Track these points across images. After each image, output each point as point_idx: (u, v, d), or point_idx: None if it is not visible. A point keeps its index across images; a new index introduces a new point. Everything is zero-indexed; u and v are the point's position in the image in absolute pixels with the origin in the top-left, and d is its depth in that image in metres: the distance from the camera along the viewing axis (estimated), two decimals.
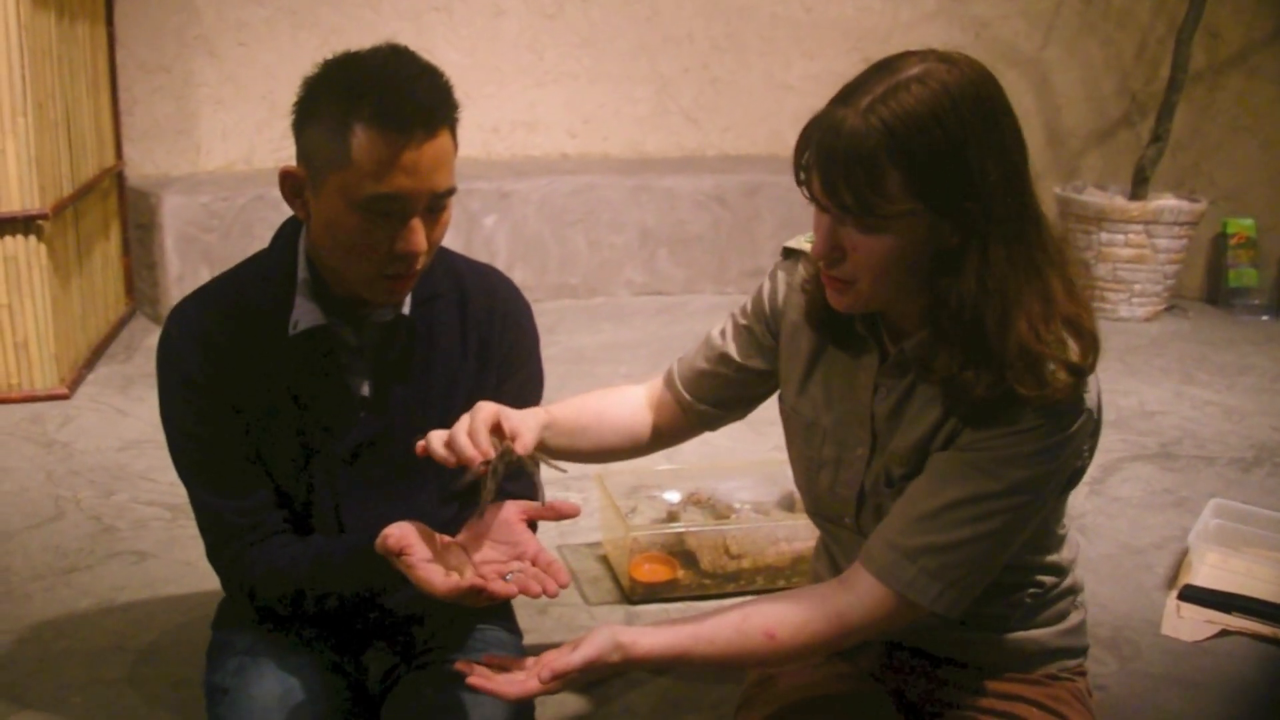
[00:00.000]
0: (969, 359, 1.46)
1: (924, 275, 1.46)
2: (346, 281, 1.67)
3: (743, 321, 1.80)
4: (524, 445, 1.55)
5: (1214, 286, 5.27)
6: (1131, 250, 4.76)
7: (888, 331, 1.60)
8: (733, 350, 1.80)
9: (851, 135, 1.38)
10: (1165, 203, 4.76)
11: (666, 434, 1.88)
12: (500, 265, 4.74)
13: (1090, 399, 1.50)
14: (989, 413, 1.48)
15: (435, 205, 1.62)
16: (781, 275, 1.76)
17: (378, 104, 1.53)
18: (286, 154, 1.68)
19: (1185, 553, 2.79)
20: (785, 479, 2.86)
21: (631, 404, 1.87)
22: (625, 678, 2.20)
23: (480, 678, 1.44)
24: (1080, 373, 1.46)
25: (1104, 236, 4.78)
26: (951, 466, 1.52)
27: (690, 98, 5.39)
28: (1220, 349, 4.62)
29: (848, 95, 1.41)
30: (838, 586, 1.56)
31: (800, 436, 1.74)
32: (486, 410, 1.55)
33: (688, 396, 1.83)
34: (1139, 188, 4.79)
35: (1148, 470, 3.34)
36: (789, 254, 1.76)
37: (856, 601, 1.53)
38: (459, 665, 1.46)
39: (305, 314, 1.71)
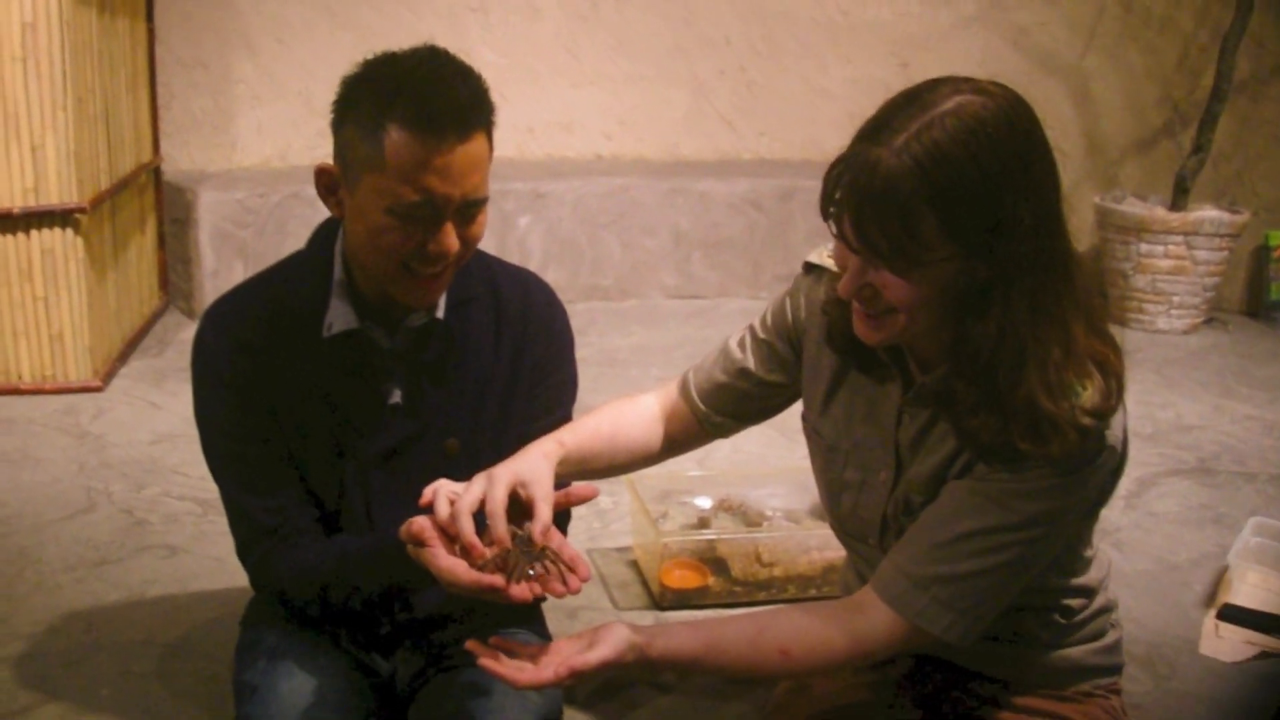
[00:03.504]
0: (979, 403, 1.44)
1: (953, 311, 1.44)
2: (379, 281, 1.67)
3: (762, 335, 1.77)
4: (542, 522, 1.52)
5: (1255, 299, 5.20)
6: (1171, 262, 4.71)
7: (913, 360, 1.58)
8: (752, 364, 1.78)
9: (887, 179, 1.33)
10: (1206, 214, 4.70)
11: (679, 443, 1.87)
12: (534, 266, 4.75)
13: (1113, 435, 1.47)
14: (997, 455, 1.47)
15: (468, 210, 1.61)
16: (803, 291, 1.73)
17: (412, 105, 1.53)
18: (322, 152, 1.68)
19: (1224, 571, 2.75)
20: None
21: (644, 418, 1.84)
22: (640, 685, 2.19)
23: (491, 660, 1.43)
24: (1102, 415, 1.43)
25: (1143, 247, 4.72)
26: (965, 496, 1.51)
27: (726, 101, 5.37)
28: (1261, 363, 4.56)
29: (879, 131, 1.37)
30: (853, 609, 1.55)
31: (822, 457, 1.73)
32: (501, 486, 1.52)
33: (704, 408, 1.81)
34: (1179, 198, 4.73)
35: (1185, 486, 3.29)
36: (810, 268, 1.72)
37: (869, 625, 1.53)
38: (470, 644, 1.46)
39: (340, 316, 1.71)
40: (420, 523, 1.53)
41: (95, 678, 2.16)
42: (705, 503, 2.84)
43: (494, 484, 1.51)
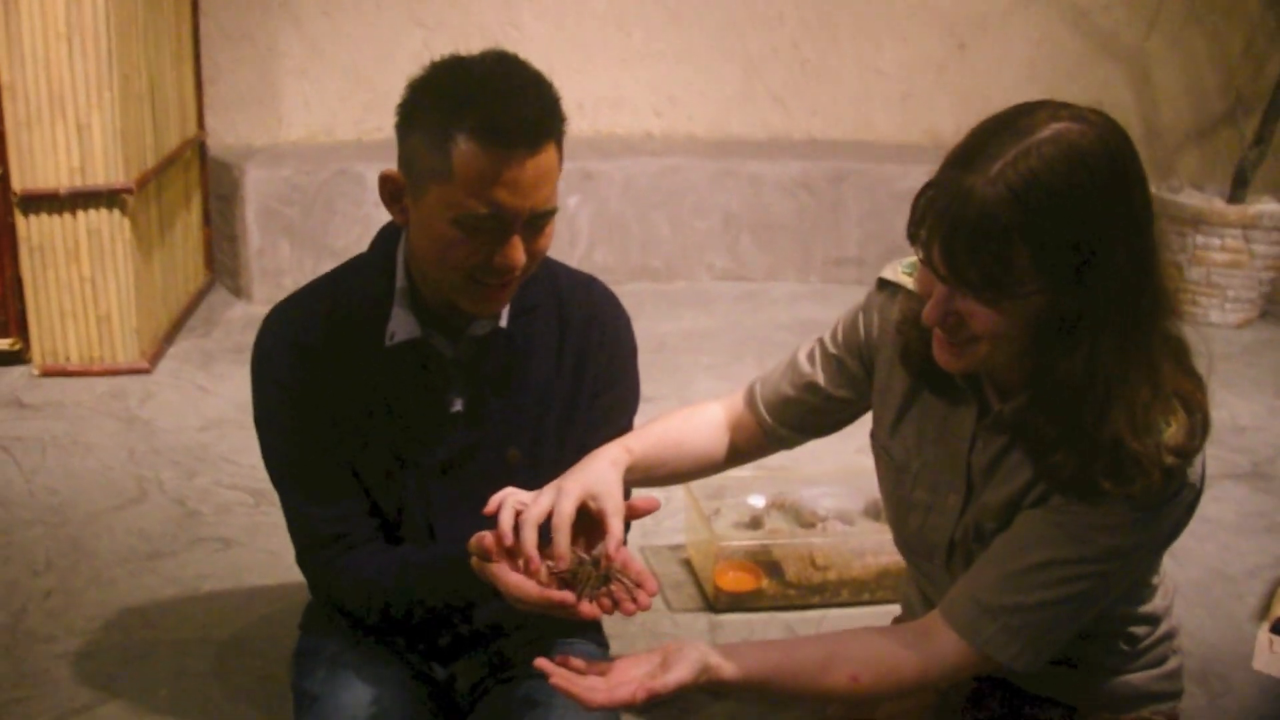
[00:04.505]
0: (1061, 438, 1.41)
1: (1038, 343, 1.40)
2: (443, 290, 1.64)
3: (833, 350, 1.74)
4: (615, 538, 1.49)
5: None
6: (1227, 255, 4.62)
7: (990, 386, 1.54)
8: (821, 379, 1.74)
9: (981, 209, 1.29)
10: (1265, 208, 4.61)
11: (744, 453, 1.84)
12: (582, 246, 4.79)
13: (1194, 472, 1.43)
14: (1076, 490, 1.43)
15: (536, 223, 1.57)
16: (877, 308, 1.69)
17: (482, 116, 1.49)
18: (369, 126, 1.64)
19: (1278, 582, 2.70)
20: (870, 487, 2.79)
21: (710, 428, 1.81)
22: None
23: (563, 679, 1.40)
24: (1187, 455, 1.40)
25: (1199, 240, 4.64)
26: (1040, 527, 1.48)
27: (778, 79, 5.30)
28: None
29: (973, 157, 1.32)
30: (921, 635, 1.53)
31: (891, 476, 1.70)
32: (570, 500, 1.49)
33: (770, 420, 1.78)
34: (1238, 190, 4.64)
35: (1240, 491, 3.24)
36: (885, 284, 1.68)
37: (938, 653, 1.51)
38: (539, 662, 1.42)
39: (402, 325, 1.68)
40: (487, 537, 1.51)
41: (153, 676, 2.17)
42: (759, 501, 2.83)
43: (563, 497, 1.49)
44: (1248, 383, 4.16)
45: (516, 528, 1.47)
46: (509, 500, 1.50)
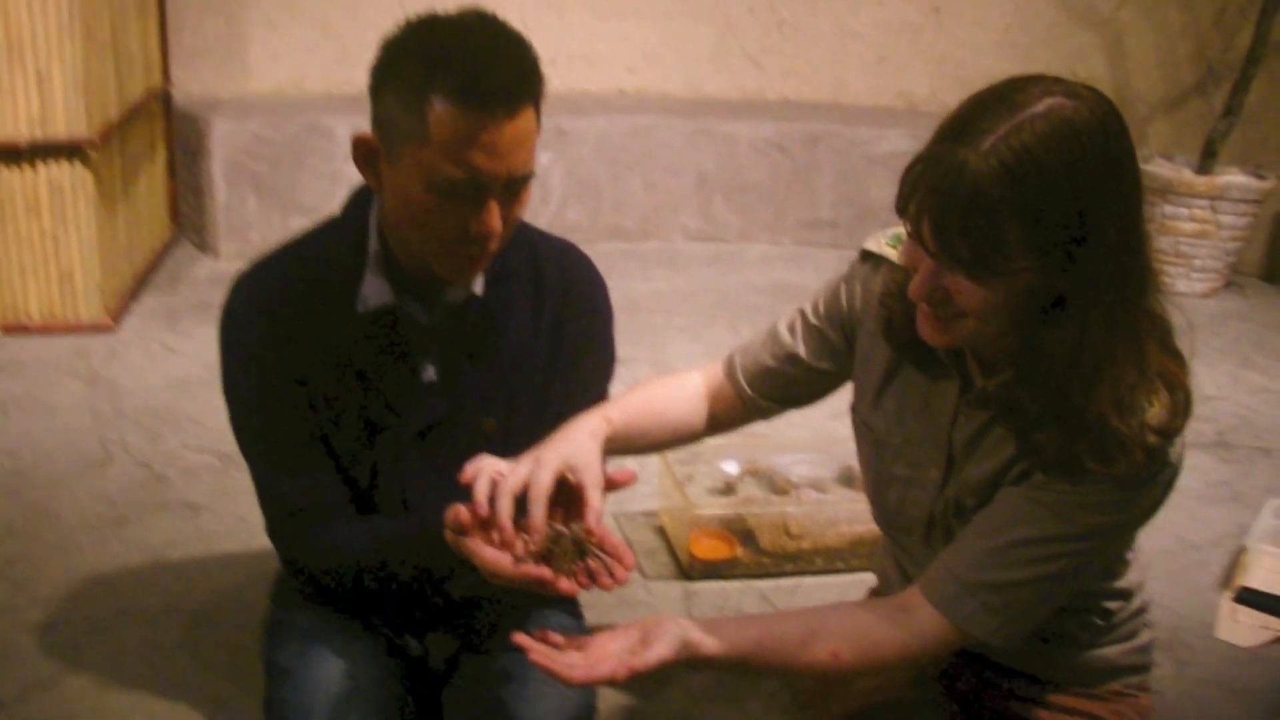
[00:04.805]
0: (1045, 415, 1.41)
1: (1025, 319, 1.39)
2: (418, 256, 1.60)
3: (814, 322, 1.73)
4: (595, 510, 1.49)
5: (1274, 264, 5.12)
6: (1195, 225, 4.64)
7: (973, 361, 1.53)
8: (802, 351, 1.73)
9: (973, 184, 1.27)
10: (1233, 179, 4.62)
11: (722, 424, 1.84)
12: (554, 204, 4.74)
13: (1175, 452, 1.44)
14: (1058, 469, 1.44)
15: (513, 187, 1.54)
16: (859, 279, 1.68)
17: (459, 77, 1.45)
18: (338, 79, 1.59)
19: (1241, 551, 2.73)
20: (844, 455, 2.82)
21: (689, 398, 1.81)
22: None
23: (542, 656, 1.39)
24: (1169, 434, 1.40)
25: (1167, 209, 4.65)
26: (1021, 504, 1.48)
27: (754, 39, 5.25)
28: (1279, 331, 4.50)
29: (963, 132, 1.30)
30: (901, 612, 1.54)
31: (870, 450, 1.70)
32: (548, 472, 1.47)
33: (750, 391, 1.78)
34: (1207, 161, 4.65)
35: (1205, 460, 3.26)
36: (868, 257, 1.67)
37: (917, 630, 1.51)
38: (517, 638, 1.41)
39: (375, 291, 1.65)
40: (463, 510, 1.48)
41: (120, 647, 2.14)
42: (732, 468, 2.82)
43: (540, 468, 1.47)
44: (1213, 352, 4.18)
45: (492, 498, 1.45)
46: (485, 469, 1.48)
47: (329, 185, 4.41)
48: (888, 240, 1.63)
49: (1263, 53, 4.55)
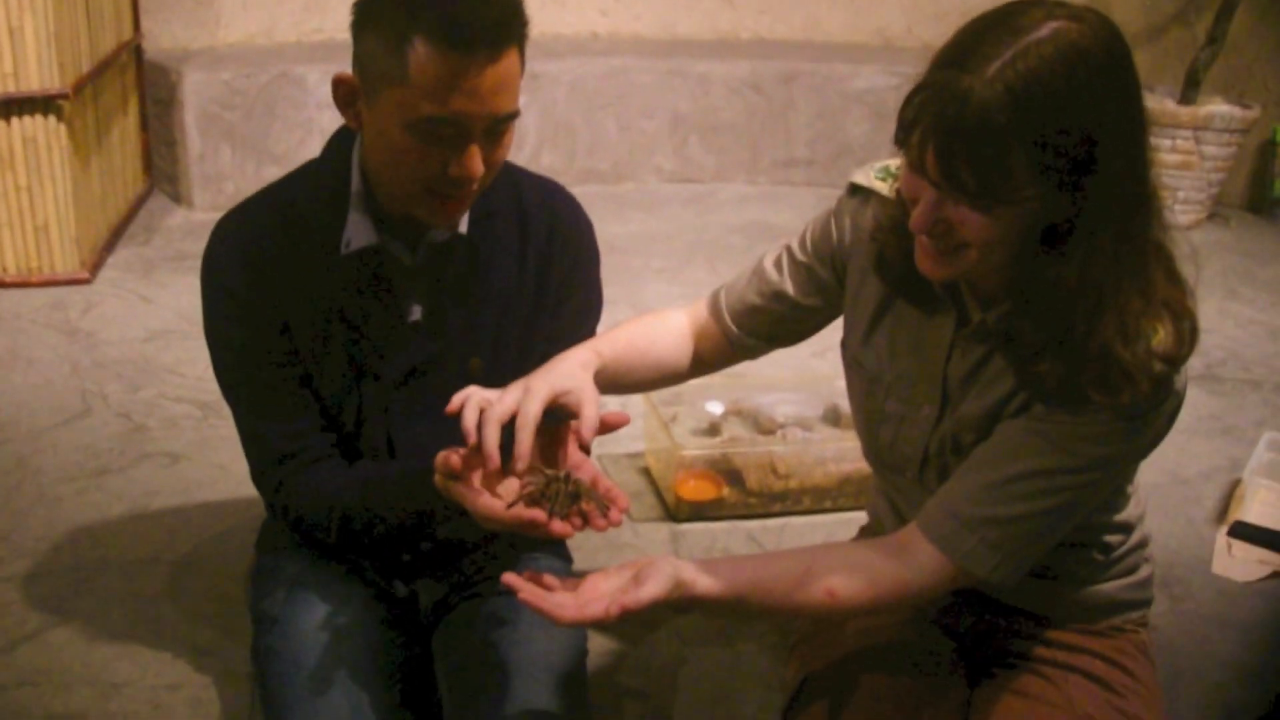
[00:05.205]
0: (1048, 346, 1.39)
1: (1028, 250, 1.37)
2: (398, 200, 1.58)
3: (801, 258, 1.70)
4: (589, 423, 1.46)
5: (1258, 195, 5.10)
6: (1178, 156, 4.61)
7: (970, 294, 1.51)
8: (789, 288, 1.71)
9: (980, 111, 1.24)
10: (1217, 109, 4.59)
11: (708, 363, 1.82)
12: (529, 148, 4.70)
13: (1180, 380, 1.42)
14: (1060, 399, 1.42)
15: (495, 129, 1.52)
16: (849, 213, 1.65)
17: (441, 17, 1.42)
18: (309, 27, 1.57)
19: (1235, 485, 2.73)
20: (829, 393, 2.81)
21: (675, 336, 1.79)
22: None
23: (532, 595, 1.37)
24: (1175, 362, 1.38)
25: (1151, 140, 4.62)
26: (1022, 437, 1.46)
27: None
28: (1264, 263, 4.48)
29: (966, 58, 1.27)
30: (899, 550, 1.52)
31: (861, 388, 1.68)
32: (536, 400, 1.44)
33: (735, 329, 1.75)
34: (1190, 91, 4.62)
35: (1194, 394, 3.24)
36: (856, 190, 1.64)
37: (916, 568, 1.50)
38: (507, 578, 1.39)
39: (358, 232, 1.62)
40: (453, 456, 1.46)
41: (104, 598, 2.12)
42: (716, 408, 2.80)
43: (529, 396, 1.44)
44: (1199, 285, 4.15)
45: (479, 426, 1.42)
46: (473, 398, 1.45)
47: (302, 134, 4.37)
48: (876, 173, 1.60)
49: None
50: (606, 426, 1.52)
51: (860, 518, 2.00)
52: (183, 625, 2.06)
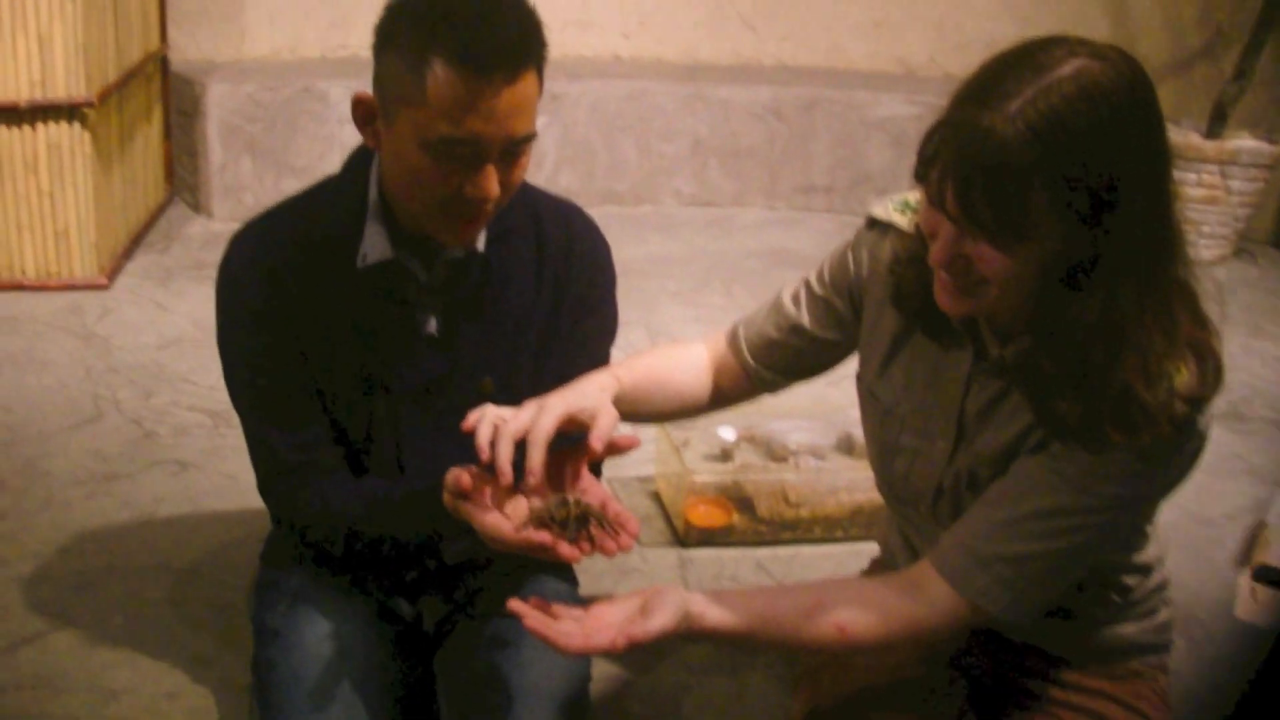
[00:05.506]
0: (1067, 384, 1.36)
1: (1048, 286, 1.35)
2: (414, 217, 1.58)
3: (819, 291, 1.68)
4: (603, 432, 1.44)
5: None
6: (1204, 191, 4.57)
7: (988, 329, 1.49)
8: (806, 321, 1.69)
9: (1001, 149, 1.23)
10: (1244, 143, 4.56)
11: (727, 396, 1.79)
12: (548, 169, 4.71)
13: (1203, 421, 1.39)
14: (1079, 438, 1.39)
15: (512, 150, 1.51)
16: (867, 247, 1.63)
17: (459, 39, 1.42)
18: (334, 43, 1.57)
19: (1259, 527, 2.68)
20: (842, 421, 2.79)
21: (695, 368, 1.77)
22: None
23: (538, 622, 1.35)
24: (1198, 403, 1.35)
25: (1175, 174, 4.57)
26: (1039, 473, 1.43)
27: (749, 4, 5.21)
28: None
29: (988, 95, 1.26)
30: (911, 586, 1.49)
31: (876, 420, 1.66)
32: (550, 416, 1.43)
33: (754, 364, 1.73)
34: (1216, 125, 4.59)
35: (1217, 433, 3.14)
36: (874, 223, 1.63)
37: (928, 606, 1.47)
38: (512, 604, 1.37)
39: (374, 246, 1.62)
40: (463, 475, 1.45)
41: (107, 604, 2.11)
42: (729, 434, 2.78)
43: (544, 413, 1.43)
44: (1223, 323, 4.12)
45: (493, 443, 1.41)
46: (487, 415, 1.43)
47: (323, 148, 4.38)
48: (895, 206, 1.59)
49: (1275, 15, 4.48)
50: (617, 448, 1.50)
51: (871, 549, 1.98)
52: (184, 634, 2.05)
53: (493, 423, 1.42)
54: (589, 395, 1.50)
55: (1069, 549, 1.43)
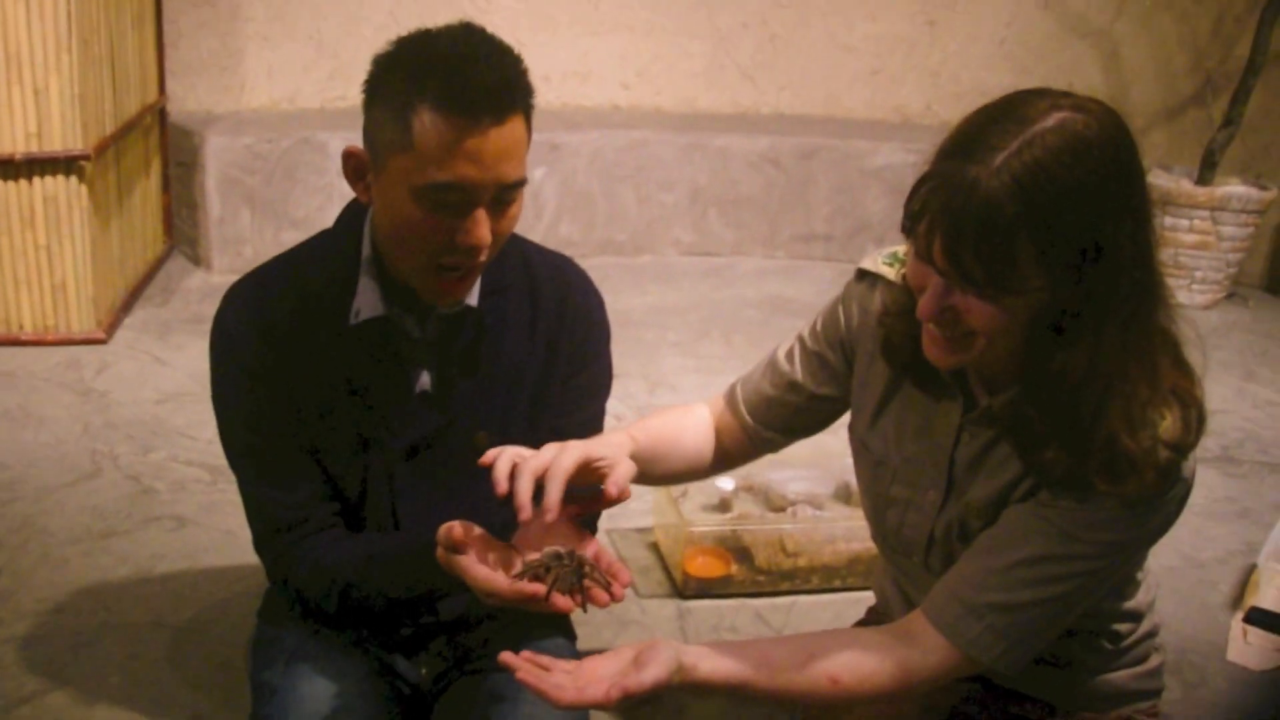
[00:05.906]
0: (1054, 433, 1.38)
1: (1035, 337, 1.36)
2: (406, 274, 1.58)
3: (812, 346, 1.70)
4: (619, 479, 1.45)
5: (1276, 275, 5.11)
6: (1196, 236, 4.62)
7: (976, 379, 1.50)
8: (800, 377, 1.70)
9: (986, 203, 1.24)
10: (1234, 189, 4.61)
11: (731, 457, 1.81)
12: (547, 219, 4.73)
13: (1187, 467, 1.40)
14: (1066, 487, 1.40)
15: (502, 197, 1.52)
16: (856, 299, 1.65)
17: (444, 84, 1.43)
18: (332, 95, 1.58)
19: (1251, 570, 2.69)
20: (840, 470, 2.79)
21: (701, 429, 1.78)
22: None
23: (530, 675, 1.34)
24: (1182, 450, 1.37)
25: (1167, 221, 4.63)
26: (1028, 522, 1.44)
27: (747, 54, 5.25)
28: None
29: (972, 148, 1.27)
30: (903, 636, 1.50)
31: (868, 471, 1.67)
32: (570, 456, 1.43)
33: (753, 423, 1.75)
34: (1207, 171, 4.64)
35: (1209, 476, 3.23)
36: (863, 275, 1.64)
37: (921, 656, 1.47)
38: (504, 657, 1.37)
39: (367, 302, 1.62)
40: (456, 528, 1.45)
41: (104, 662, 2.11)
42: (727, 484, 2.78)
43: (564, 452, 1.43)
44: (1215, 365, 4.14)
45: (512, 477, 1.40)
46: (507, 452, 1.44)
47: (322, 200, 4.40)
48: (884, 259, 1.60)
49: (1262, 62, 4.54)
50: (610, 501, 1.50)
51: (869, 597, 1.98)
52: (182, 692, 2.05)
53: (511, 459, 1.43)
54: (609, 445, 1.51)
55: (1060, 595, 1.44)
